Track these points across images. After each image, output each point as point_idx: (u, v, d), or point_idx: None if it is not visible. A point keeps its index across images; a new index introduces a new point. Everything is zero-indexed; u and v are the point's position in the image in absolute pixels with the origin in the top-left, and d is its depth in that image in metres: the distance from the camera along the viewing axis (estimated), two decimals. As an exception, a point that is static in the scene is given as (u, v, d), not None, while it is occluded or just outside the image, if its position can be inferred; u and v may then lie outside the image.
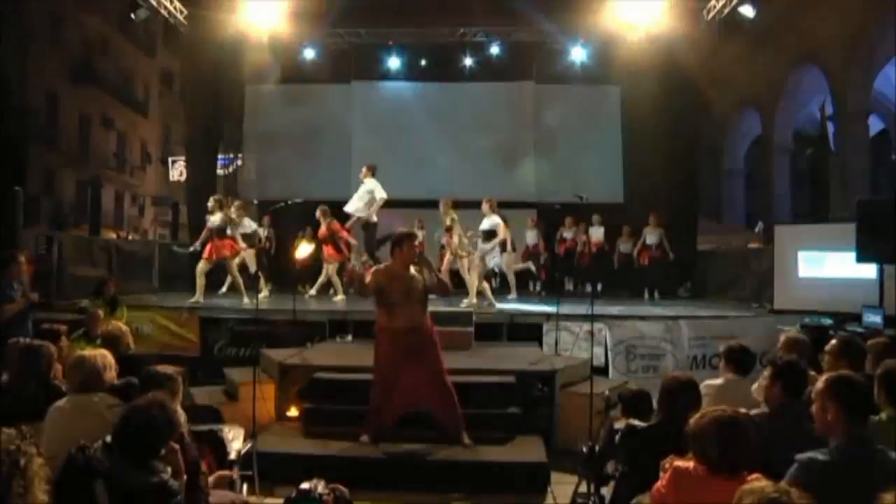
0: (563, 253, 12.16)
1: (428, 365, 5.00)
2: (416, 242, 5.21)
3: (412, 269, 5.07)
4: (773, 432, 2.84)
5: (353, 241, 9.63)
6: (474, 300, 8.75)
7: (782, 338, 4.21)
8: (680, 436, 2.71)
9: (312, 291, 9.98)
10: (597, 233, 11.96)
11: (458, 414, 5.07)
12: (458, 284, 8.53)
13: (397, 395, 5.03)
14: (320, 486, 2.02)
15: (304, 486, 2.05)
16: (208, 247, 8.89)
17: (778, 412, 3.05)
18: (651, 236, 11.23)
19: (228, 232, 8.95)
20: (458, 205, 9.24)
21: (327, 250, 9.60)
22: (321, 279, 9.96)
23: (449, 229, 9.06)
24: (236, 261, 9.12)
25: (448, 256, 9.40)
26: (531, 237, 12.06)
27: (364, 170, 9.38)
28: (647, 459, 2.95)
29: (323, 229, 9.56)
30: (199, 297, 8.70)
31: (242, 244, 9.37)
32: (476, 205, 9.33)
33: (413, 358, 4.95)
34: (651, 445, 3.05)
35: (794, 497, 1.88)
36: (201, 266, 8.81)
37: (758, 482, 2.03)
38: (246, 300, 8.75)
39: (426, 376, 4.99)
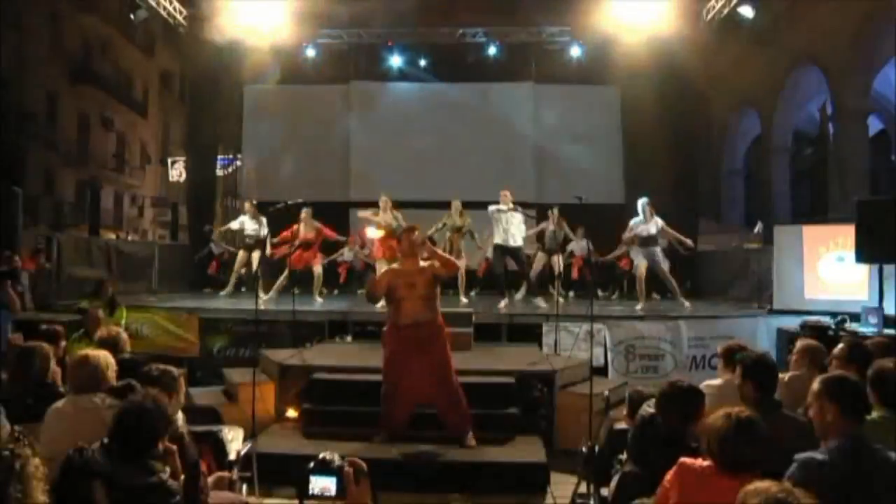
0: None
1: (434, 361, 5.00)
2: (415, 235, 5.21)
3: (421, 264, 5.11)
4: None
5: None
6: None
7: (798, 345, 4.12)
8: (682, 438, 2.68)
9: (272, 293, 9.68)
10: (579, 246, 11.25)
11: (462, 413, 5.08)
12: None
13: (405, 393, 5.03)
14: (337, 458, 1.98)
15: (324, 455, 2.01)
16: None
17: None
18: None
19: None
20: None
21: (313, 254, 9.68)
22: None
23: (459, 230, 9.17)
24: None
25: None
26: (579, 247, 11.34)
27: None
28: (656, 455, 2.92)
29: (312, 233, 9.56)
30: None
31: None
32: (476, 205, 9.35)
33: (418, 354, 4.96)
34: (659, 441, 3.02)
35: (799, 497, 1.87)
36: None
37: (761, 482, 2.02)
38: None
39: (431, 372, 4.99)
